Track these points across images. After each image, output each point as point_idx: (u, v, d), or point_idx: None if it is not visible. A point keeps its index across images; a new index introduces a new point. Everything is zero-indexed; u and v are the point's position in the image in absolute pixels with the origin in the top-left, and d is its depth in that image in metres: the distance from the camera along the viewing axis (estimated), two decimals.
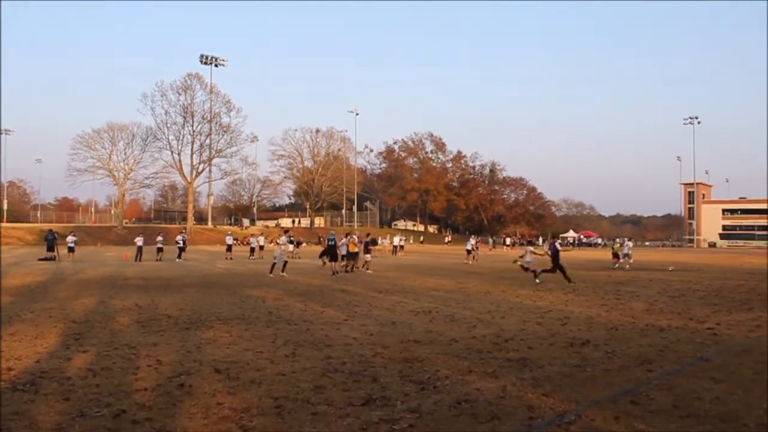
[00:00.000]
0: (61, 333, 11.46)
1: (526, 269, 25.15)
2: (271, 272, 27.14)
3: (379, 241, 61.97)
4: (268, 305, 16.09)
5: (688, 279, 26.59)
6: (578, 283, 23.76)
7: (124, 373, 8.09)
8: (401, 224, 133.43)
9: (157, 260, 39.58)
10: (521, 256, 26.27)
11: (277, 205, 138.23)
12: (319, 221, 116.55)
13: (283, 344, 10.35)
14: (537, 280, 23.38)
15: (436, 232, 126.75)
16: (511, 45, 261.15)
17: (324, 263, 33.00)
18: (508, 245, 78.21)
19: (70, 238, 40.76)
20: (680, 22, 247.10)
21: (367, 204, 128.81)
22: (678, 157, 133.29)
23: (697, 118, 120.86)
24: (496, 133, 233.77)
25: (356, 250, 31.12)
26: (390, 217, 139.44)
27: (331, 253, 30.23)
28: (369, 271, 30.40)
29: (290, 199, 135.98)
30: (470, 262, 38.61)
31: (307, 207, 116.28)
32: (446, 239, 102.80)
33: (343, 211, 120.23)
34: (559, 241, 33.30)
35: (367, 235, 36.91)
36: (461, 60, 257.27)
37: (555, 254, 24.18)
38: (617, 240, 42.41)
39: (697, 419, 6.18)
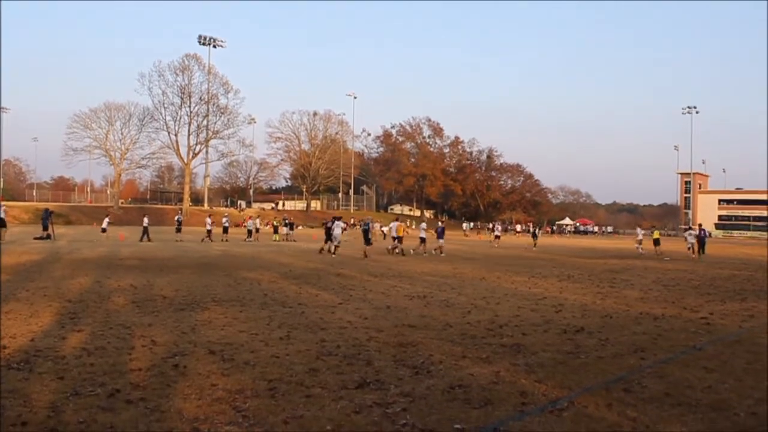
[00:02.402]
0: (56, 312, 11.46)
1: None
2: (333, 252, 30.81)
3: (371, 226, 61.98)
4: (263, 287, 16.11)
5: (683, 268, 26.69)
6: (573, 270, 23.82)
7: (118, 353, 8.10)
8: (398, 209, 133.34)
9: (142, 241, 39.73)
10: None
11: (274, 188, 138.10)
12: (315, 204, 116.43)
13: (278, 327, 10.37)
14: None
15: (432, 216, 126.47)
16: (511, 33, 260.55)
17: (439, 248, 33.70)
18: (519, 231, 78.27)
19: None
20: (680, 13, 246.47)
21: (364, 188, 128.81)
22: (675, 146, 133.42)
23: (695, 107, 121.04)
24: (494, 120, 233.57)
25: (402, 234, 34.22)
26: (386, 201, 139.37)
27: (365, 237, 32.79)
28: (442, 255, 32.09)
29: (287, 181, 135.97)
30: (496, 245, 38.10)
31: (304, 190, 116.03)
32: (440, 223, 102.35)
33: (340, 194, 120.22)
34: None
35: (441, 222, 39.92)
36: (461, 46, 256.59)
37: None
38: (654, 229, 43.32)
39: (688, 408, 6.21)
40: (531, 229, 59.54)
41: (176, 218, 45.66)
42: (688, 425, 5.71)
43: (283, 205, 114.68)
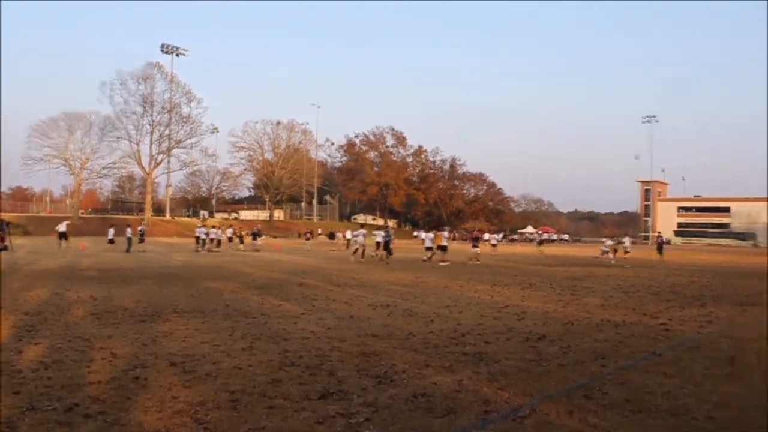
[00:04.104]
0: (12, 325, 11.23)
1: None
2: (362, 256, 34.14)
3: (337, 234, 62.05)
4: (226, 298, 15.97)
5: (643, 275, 27.00)
6: (535, 278, 24.00)
7: (77, 366, 7.97)
8: (361, 218, 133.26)
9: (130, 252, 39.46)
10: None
11: (237, 198, 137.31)
12: (278, 214, 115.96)
13: (240, 337, 10.29)
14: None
15: (395, 226, 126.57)
16: (476, 38, 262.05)
17: (381, 257, 34.91)
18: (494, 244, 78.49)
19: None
20: (641, 19, 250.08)
21: (327, 197, 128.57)
22: (635, 155, 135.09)
23: (655, 116, 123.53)
24: (458, 129, 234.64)
25: (443, 243, 34.17)
26: (350, 210, 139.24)
27: (386, 248, 34.43)
28: (478, 262, 33.49)
29: (250, 191, 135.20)
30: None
31: (267, 200, 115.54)
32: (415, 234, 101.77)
33: (303, 204, 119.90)
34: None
35: (477, 230, 40.82)
36: (424, 56, 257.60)
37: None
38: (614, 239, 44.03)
39: (648, 413, 6.29)
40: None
41: (139, 229, 45.12)
42: (647, 430, 5.78)
43: (237, 215, 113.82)
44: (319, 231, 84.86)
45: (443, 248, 33.64)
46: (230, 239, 48.45)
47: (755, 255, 61.42)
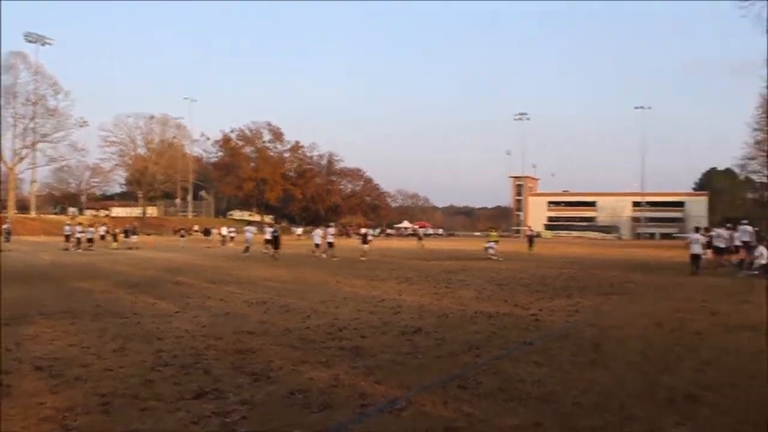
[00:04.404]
0: None
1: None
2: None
3: (212, 231, 61.07)
4: (96, 298, 15.43)
5: (515, 268, 27.84)
6: (411, 272, 24.35)
7: None
8: (237, 214, 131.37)
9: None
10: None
11: (108, 194, 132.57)
12: (152, 211, 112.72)
13: (112, 338, 9.97)
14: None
15: (272, 221, 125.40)
16: (346, 37, 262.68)
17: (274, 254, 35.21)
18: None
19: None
20: (509, 20, 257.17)
21: (203, 193, 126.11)
22: (508, 151, 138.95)
23: (526, 114, 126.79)
24: (335, 124, 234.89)
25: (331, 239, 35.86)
26: (226, 206, 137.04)
27: (275, 243, 35.43)
28: (363, 259, 33.06)
29: (122, 187, 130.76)
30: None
31: (140, 196, 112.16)
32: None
33: (178, 200, 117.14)
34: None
35: (355, 225, 41.45)
36: (299, 50, 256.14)
37: None
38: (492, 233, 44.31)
39: (520, 401, 6.50)
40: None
41: (4, 227, 43.00)
42: (519, 417, 5.98)
43: (109, 212, 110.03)
44: (195, 228, 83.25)
45: (331, 244, 34.93)
46: (103, 237, 46.83)
47: (619, 247, 64.49)
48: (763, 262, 23.52)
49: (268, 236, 37.68)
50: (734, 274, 24.02)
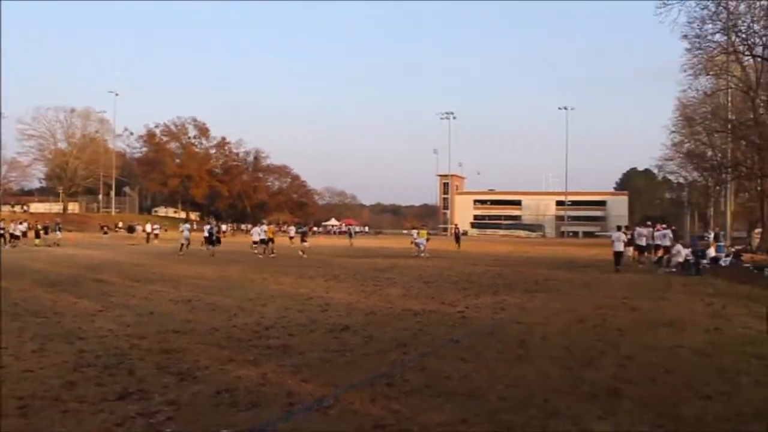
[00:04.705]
0: None
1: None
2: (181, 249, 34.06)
3: (136, 228, 59.96)
4: (15, 297, 14.95)
5: (442, 265, 28.09)
6: (339, 270, 24.35)
7: None
8: (162, 211, 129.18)
9: None
10: None
11: (27, 189, 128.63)
12: (73, 207, 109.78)
13: (30, 339, 9.68)
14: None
15: (198, 219, 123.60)
16: (271, 34, 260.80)
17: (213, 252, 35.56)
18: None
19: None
20: (435, 18, 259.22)
21: (126, 189, 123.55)
22: (435, 149, 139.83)
23: (452, 113, 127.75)
24: (262, 122, 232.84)
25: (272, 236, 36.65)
26: (151, 203, 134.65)
27: (211, 240, 36.60)
28: (304, 256, 33.55)
29: (41, 182, 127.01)
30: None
31: (60, 192, 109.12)
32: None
33: (100, 196, 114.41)
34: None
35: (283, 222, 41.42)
36: (225, 45, 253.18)
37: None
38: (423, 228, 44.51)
39: (446, 397, 6.57)
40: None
41: None
42: (445, 413, 6.04)
43: (27, 208, 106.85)
44: (120, 224, 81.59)
45: (270, 241, 35.70)
46: (24, 234, 45.32)
47: (543, 245, 65.72)
48: (680, 259, 24.32)
49: (206, 234, 37.90)
50: (653, 271, 24.76)
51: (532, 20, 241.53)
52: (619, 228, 28.59)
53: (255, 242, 36.73)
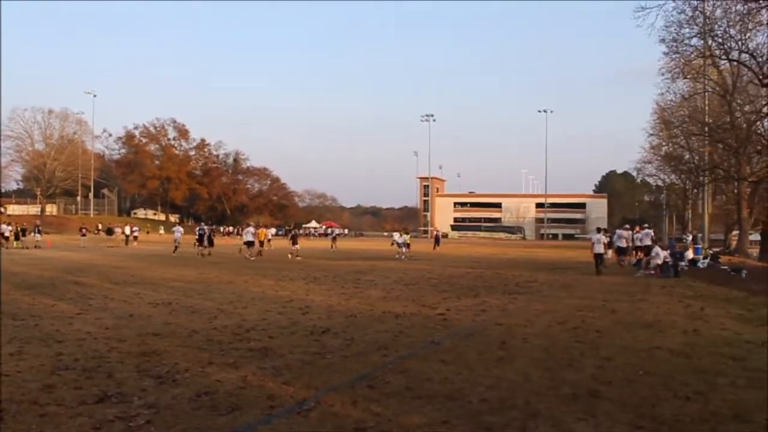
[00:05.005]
0: None
1: None
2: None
3: (115, 230, 59.57)
4: None
5: (423, 268, 28.14)
6: (319, 272, 24.31)
7: None
8: (141, 213, 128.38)
9: None
10: None
11: (3, 191, 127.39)
12: (51, 209, 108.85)
13: (8, 342, 9.58)
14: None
15: (177, 221, 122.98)
16: (251, 34, 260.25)
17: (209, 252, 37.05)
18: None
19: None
20: (416, 19, 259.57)
21: (105, 191, 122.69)
22: (415, 152, 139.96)
23: (432, 115, 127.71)
24: (242, 123, 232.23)
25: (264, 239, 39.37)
26: (130, 205, 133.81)
27: (202, 241, 37.33)
28: (299, 258, 34.33)
29: (18, 184, 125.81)
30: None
31: (38, 193, 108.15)
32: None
33: (79, 198, 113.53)
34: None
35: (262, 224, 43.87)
36: (205, 46, 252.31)
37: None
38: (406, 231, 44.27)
39: (427, 399, 6.56)
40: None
41: None
42: (426, 415, 6.04)
43: (4, 210, 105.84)
44: (99, 227, 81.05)
45: (260, 243, 37.80)
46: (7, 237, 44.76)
47: (523, 247, 65.99)
48: (659, 261, 24.48)
49: (197, 236, 38.82)
50: (633, 273, 24.94)
51: (513, 21, 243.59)
52: (599, 230, 28.75)
53: (247, 243, 35.94)
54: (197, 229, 41.18)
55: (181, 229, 41.03)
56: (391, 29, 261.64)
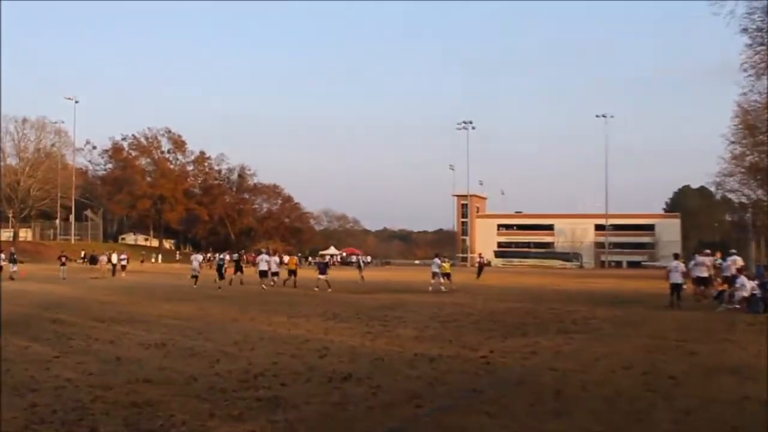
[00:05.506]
0: None
1: None
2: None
3: (100, 258, 59.91)
4: None
5: (461, 302, 27.95)
6: (339, 307, 24.28)
7: None
8: (130, 238, 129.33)
9: None
10: None
11: None
12: (25, 234, 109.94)
13: None
14: None
15: (173, 248, 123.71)
16: (260, 36, 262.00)
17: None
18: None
19: None
20: (450, 18, 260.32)
21: (88, 213, 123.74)
22: (451, 165, 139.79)
23: (471, 122, 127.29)
24: (248, 134, 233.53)
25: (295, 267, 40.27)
26: (117, 229, 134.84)
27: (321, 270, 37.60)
28: (330, 289, 34.60)
29: None
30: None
31: (10, 216, 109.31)
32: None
33: (58, 221, 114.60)
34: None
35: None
36: (205, 49, 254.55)
37: None
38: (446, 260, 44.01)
39: None
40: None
41: None
42: None
43: None
44: (82, 254, 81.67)
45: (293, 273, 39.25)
46: None
47: (581, 277, 65.41)
48: (745, 294, 24.10)
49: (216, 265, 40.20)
50: (713, 307, 24.61)
51: (565, 14, 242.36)
52: (676, 256, 28.43)
53: (262, 273, 37.87)
54: (218, 258, 42.34)
55: (200, 257, 41.67)
56: (423, 31, 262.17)
